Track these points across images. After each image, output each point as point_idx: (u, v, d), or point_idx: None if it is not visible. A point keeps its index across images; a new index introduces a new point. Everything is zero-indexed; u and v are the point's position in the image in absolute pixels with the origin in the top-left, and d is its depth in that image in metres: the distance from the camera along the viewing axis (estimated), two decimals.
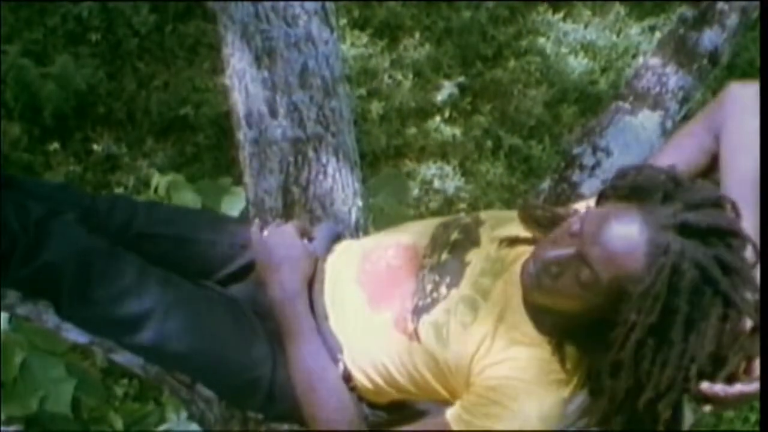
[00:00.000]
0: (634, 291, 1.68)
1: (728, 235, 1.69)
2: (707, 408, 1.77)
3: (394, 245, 2.06)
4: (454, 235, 2.01)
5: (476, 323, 1.87)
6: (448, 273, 1.95)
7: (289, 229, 2.18)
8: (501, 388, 1.81)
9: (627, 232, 1.70)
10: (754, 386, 1.75)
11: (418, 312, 1.94)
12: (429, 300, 1.94)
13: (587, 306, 1.76)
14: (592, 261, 1.70)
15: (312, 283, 2.10)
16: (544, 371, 1.81)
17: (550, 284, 1.77)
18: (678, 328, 1.67)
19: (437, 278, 1.95)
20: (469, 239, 1.98)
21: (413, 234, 2.08)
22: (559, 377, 1.81)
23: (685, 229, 1.67)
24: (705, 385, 1.71)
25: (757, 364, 1.75)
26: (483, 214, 2.05)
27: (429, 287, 1.95)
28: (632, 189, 1.76)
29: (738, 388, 1.73)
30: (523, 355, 1.82)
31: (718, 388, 1.71)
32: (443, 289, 1.93)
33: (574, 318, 1.79)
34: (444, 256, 1.98)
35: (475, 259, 1.95)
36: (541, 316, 1.84)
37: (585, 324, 1.79)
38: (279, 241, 2.14)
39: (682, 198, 1.71)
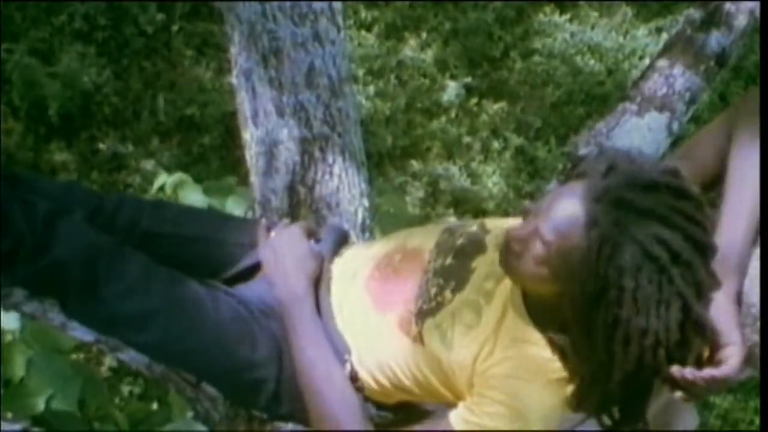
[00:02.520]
0: (576, 262, 1.70)
1: (675, 217, 1.68)
2: (679, 395, 1.78)
3: (401, 250, 2.07)
4: (460, 241, 2.01)
5: (479, 326, 1.88)
6: (453, 278, 1.96)
7: (296, 229, 2.18)
8: (503, 388, 1.82)
9: (569, 204, 1.72)
10: (724, 370, 1.76)
11: (422, 315, 1.94)
12: (434, 304, 1.94)
13: (553, 286, 1.77)
14: (543, 235, 1.73)
15: (318, 283, 2.10)
16: (546, 370, 1.81)
17: (516, 264, 1.79)
18: (628, 305, 1.67)
19: (442, 282, 1.96)
20: (475, 246, 1.99)
21: (419, 238, 2.09)
22: (560, 376, 1.81)
23: (621, 204, 1.67)
24: (674, 368, 1.72)
25: (728, 351, 1.77)
26: (489, 223, 2.05)
27: (433, 291, 1.96)
28: (584, 166, 1.79)
29: (708, 372, 1.75)
30: (524, 355, 1.83)
31: (687, 371, 1.73)
32: (448, 294, 1.94)
33: (567, 314, 1.79)
34: (449, 260, 1.99)
35: (480, 265, 1.95)
36: (541, 316, 1.84)
37: (579, 321, 1.79)
38: (285, 241, 2.14)
39: (625, 175, 1.71)
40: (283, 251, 2.12)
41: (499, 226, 2.02)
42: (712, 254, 1.72)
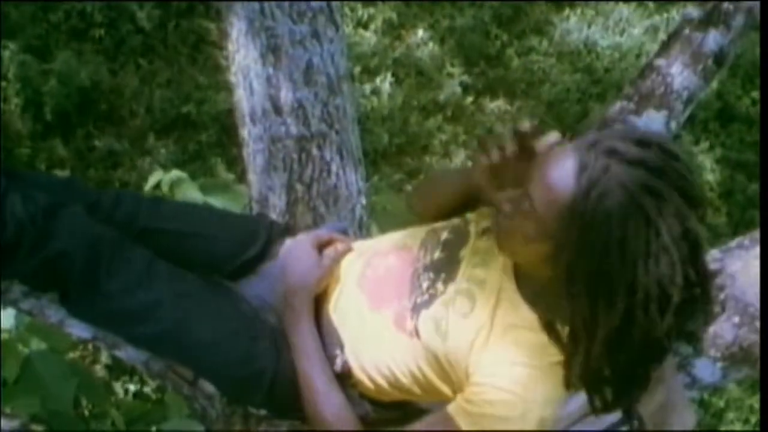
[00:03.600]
0: (565, 209, 1.68)
1: (665, 170, 1.65)
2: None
3: (393, 249, 2.08)
4: (445, 235, 2.02)
5: (474, 312, 1.88)
6: (443, 270, 1.96)
7: (305, 240, 2.18)
8: (502, 374, 1.81)
9: (559, 158, 1.70)
10: None
11: (416, 309, 1.95)
12: (427, 296, 1.95)
13: (542, 246, 1.74)
14: (532, 192, 1.71)
15: (323, 294, 2.12)
16: (544, 354, 1.80)
17: (507, 227, 1.78)
18: (614, 255, 1.64)
19: (432, 275, 1.97)
20: (460, 236, 2.00)
21: (408, 237, 2.09)
22: (558, 359, 1.80)
23: (612, 152, 1.65)
24: None
25: None
26: (469, 214, 2.05)
27: (426, 285, 1.96)
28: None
29: None
30: (521, 340, 1.82)
31: None
32: (440, 285, 1.95)
33: (554, 272, 1.77)
34: (437, 254, 1.99)
35: (468, 254, 1.96)
36: (534, 298, 1.83)
37: (564, 275, 1.76)
38: (293, 251, 2.15)
39: (618, 129, 1.71)
40: (288, 262, 2.13)
41: (479, 214, 2.03)
42: (703, 210, 1.68)
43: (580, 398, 1.94)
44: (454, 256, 1.97)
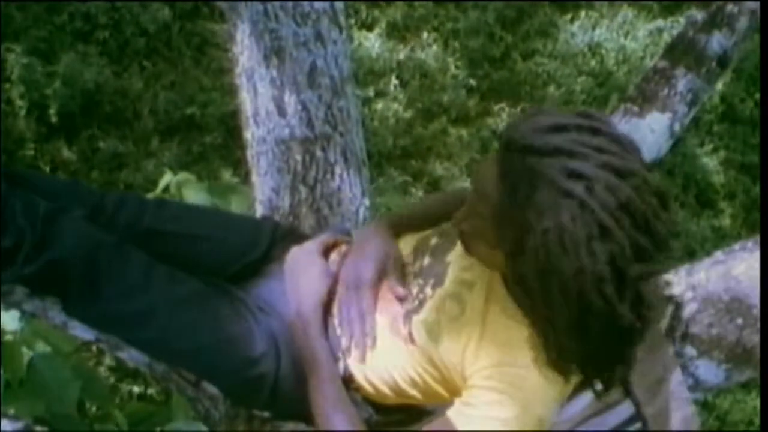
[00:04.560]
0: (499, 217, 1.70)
1: (583, 150, 1.63)
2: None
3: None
4: (434, 240, 2.03)
5: (464, 315, 1.88)
6: (432, 275, 1.97)
7: (311, 247, 2.16)
8: (498, 375, 1.80)
9: (483, 170, 1.72)
10: None
11: (408, 315, 1.95)
12: (416, 302, 1.96)
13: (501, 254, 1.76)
14: (471, 206, 1.76)
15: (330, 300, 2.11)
16: (537, 352, 1.79)
17: (470, 245, 1.83)
18: (555, 247, 1.62)
19: (421, 282, 1.97)
20: (447, 241, 2.00)
21: (403, 243, 2.10)
22: None
23: (529, 149, 1.64)
24: None
25: None
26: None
27: (415, 291, 1.97)
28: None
29: None
30: (513, 340, 1.81)
31: None
32: (428, 290, 1.95)
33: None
34: (426, 260, 2.00)
35: (455, 258, 1.96)
36: (521, 298, 1.82)
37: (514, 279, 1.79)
38: (300, 259, 2.14)
39: (531, 122, 1.68)
40: (295, 270, 2.12)
41: None
42: (635, 179, 1.64)
43: (583, 400, 1.94)
44: (441, 260, 1.97)
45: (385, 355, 1.99)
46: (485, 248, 1.79)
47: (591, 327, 1.69)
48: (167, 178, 3.12)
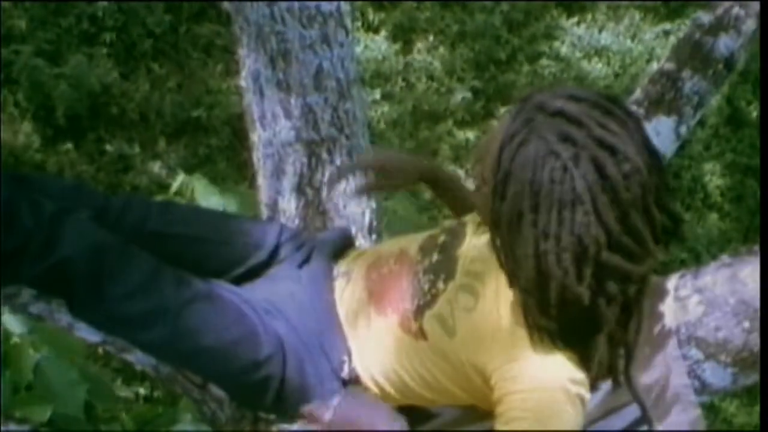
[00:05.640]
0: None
1: (584, 119, 1.65)
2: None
3: (394, 254, 2.08)
4: (442, 238, 2.03)
5: (478, 306, 1.87)
6: (442, 270, 1.96)
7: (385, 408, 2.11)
8: (522, 376, 1.78)
9: (500, 121, 1.76)
10: None
11: (420, 310, 1.95)
12: (429, 297, 1.95)
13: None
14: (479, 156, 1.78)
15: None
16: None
17: (480, 198, 1.80)
18: (528, 199, 1.65)
19: (432, 277, 1.97)
20: (456, 238, 2.00)
21: (407, 242, 2.10)
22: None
23: (539, 108, 1.68)
24: None
25: None
26: (466, 217, 2.06)
27: (426, 286, 1.96)
28: None
29: None
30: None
31: None
32: (440, 285, 1.94)
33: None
34: (435, 257, 1.99)
35: (464, 252, 1.96)
36: (493, 245, 1.80)
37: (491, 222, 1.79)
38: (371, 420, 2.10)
39: (560, 89, 1.72)
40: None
41: (473, 215, 2.03)
42: (627, 165, 1.64)
43: (597, 397, 1.93)
44: (451, 256, 1.97)
45: (393, 352, 1.98)
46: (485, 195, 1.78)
47: (550, 293, 1.69)
48: (179, 179, 3.13)
